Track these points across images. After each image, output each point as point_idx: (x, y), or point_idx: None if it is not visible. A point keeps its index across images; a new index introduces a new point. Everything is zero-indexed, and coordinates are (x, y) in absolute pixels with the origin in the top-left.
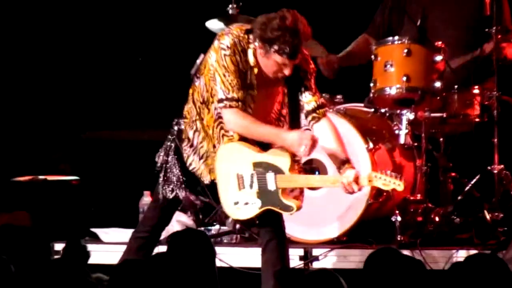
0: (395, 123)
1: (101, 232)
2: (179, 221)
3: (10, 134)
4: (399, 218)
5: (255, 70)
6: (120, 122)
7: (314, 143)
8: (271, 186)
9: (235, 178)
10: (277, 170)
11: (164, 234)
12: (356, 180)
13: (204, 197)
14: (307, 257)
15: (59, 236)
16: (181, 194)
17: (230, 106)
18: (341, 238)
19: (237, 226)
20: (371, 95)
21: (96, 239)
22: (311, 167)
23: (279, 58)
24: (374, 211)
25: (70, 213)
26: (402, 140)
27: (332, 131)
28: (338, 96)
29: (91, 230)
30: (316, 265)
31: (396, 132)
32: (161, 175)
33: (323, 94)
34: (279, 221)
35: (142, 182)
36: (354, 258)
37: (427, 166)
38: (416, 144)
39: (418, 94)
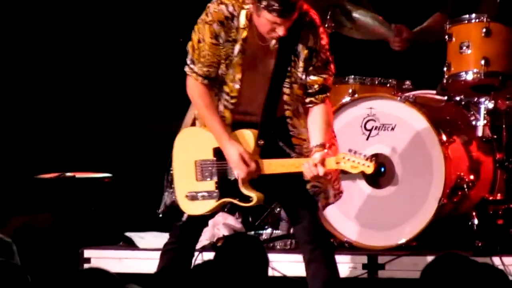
0: (472, 112)
1: (136, 236)
2: (226, 224)
3: (34, 128)
4: (476, 221)
5: (244, 33)
6: (154, 113)
7: (246, 178)
8: (232, 175)
9: (193, 166)
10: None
11: (208, 239)
12: (322, 162)
13: None
14: (372, 265)
15: (89, 241)
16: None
17: (192, 76)
18: (410, 244)
19: (292, 229)
20: (445, 80)
21: (131, 245)
22: (377, 162)
23: (269, 15)
24: (448, 212)
25: (102, 215)
26: (480, 132)
27: (322, 117)
28: (407, 82)
29: (125, 235)
30: (381, 274)
31: (473, 123)
32: None
33: (390, 80)
34: (317, 223)
35: None
36: None
37: (508, 162)
38: (495, 136)
39: (498, 80)
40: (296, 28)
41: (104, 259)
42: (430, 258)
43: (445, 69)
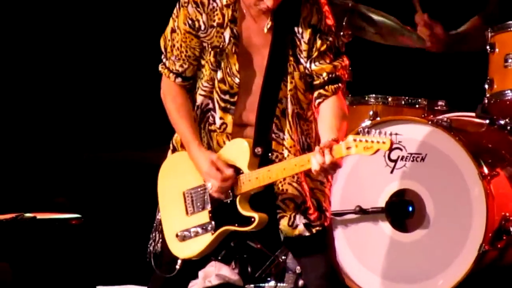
0: None
1: None
2: (220, 275)
3: None
4: None
5: (229, 12)
6: (132, 140)
7: (222, 186)
8: (228, 196)
9: (181, 199)
10: (235, 171)
11: None
12: (330, 148)
13: (254, 243)
14: None
15: None
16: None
17: (164, 73)
18: None
19: (301, 282)
20: (486, 100)
21: None
22: (402, 200)
23: None
24: (491, 261)
25: (70, 264)
26: None
27: (333, 112)
28: (440, 103)
29: None
30: None
31: None
32: None
33: (419, 99)
34: (334, 273)
35: None
36: None
37: None
38: None
39: None
40: (294, 3)
41: None
42: None
43: (486, 86)
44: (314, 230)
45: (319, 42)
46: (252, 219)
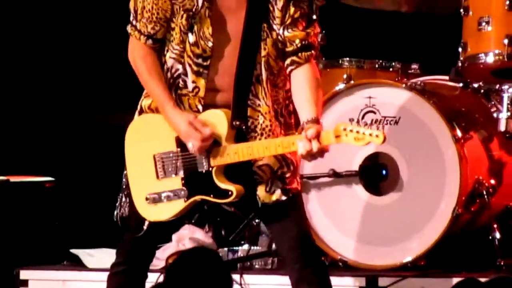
0: (492, 102)
1: (84, 254)
2: (193, 239)
3: None
4: (498, 235)
5: None
6: (105, 102)
7: (202, 146)
8: (202, 167)
9: (151, 162)
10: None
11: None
12: (317, 136)
13: (228, 206)
14: None
15: (27, 260)
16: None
17: (134, 35)
18: (418, 263)
19: (274, 245)
20: (460, 64)
21: (77, 264)
22: (376, 163)
23: None
24: (464, 224)
25: (42, 228)
26: (502, 127)
27: (308, 83)
28: (414, 66)
29: (71, 252)
30: None
31: (495, 115)
32: None
33: (393, 63)
34: (308, 236)
35: None
36: None
37: None
38: None
39: None
40: None
41: (45, 281)
42: (441, 281)
43: (460, 50)
44: (290, 194)
45: (292, 9)
46: (230, 192)
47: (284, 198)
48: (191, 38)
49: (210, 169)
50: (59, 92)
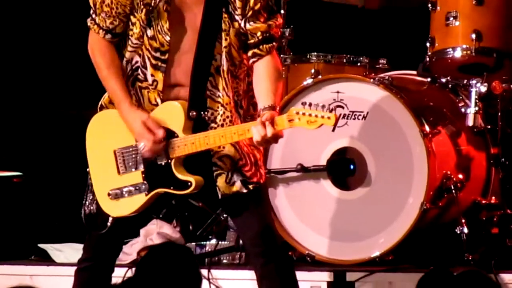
0: (460, 97)
1: (52, 249)
2: (161, 233)
3: None
4: (466, 230)
5: None
6: (73, 97)
7: (153, 148)
8: (161, 159)
9: (112, 158)
10: (168, 134)
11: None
12: (271, 120)
13: (196, 201)
14: (339, 284)
15: None
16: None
17: (93, 28)
18: (386, 258)
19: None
20: (427, 59)
21: (45, 259)
22: (344, 158)
23: None
24: (432, 219)
25: (10, 222)
26: (470, 122)
27: (269, 74)
28: (382, 61)
29: (39, 247)
30: None
31: (462, 110)
32: None
33: (360, 58)
34: (271, 232)
35: None
36: (403, 285)
37: (504, 158)
38: (489, 127)
39: (493, 58)
40: None
41: (13, 276)
42: (408, 276)
43: (428, 45)
44: (251, 187)
45: (252, 1)
46: (189, 183)
47: (244, 190)
48: (149, 32)
49: (169, 161)
50: (28, 86)
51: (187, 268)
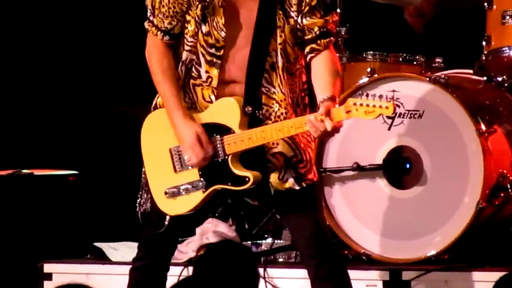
0: None
1: (107, 247)
2: (217, 232)
3: None
4: None
5: None
6: (132, 95)
7: (200, 163)
8: (218, 156)
9: (168, 156)
10: (224, 130)
11: (194, 251)
12: (328, 113)
13: (251, 199)
14: (395, 283)
15: (50, 253)
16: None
17: (151, 31)
18: (442, 256)
19: None
20: (484, 57)
21: (101, 258)
22: (400, 157)
23: None
24: (488, 218)
25: (66, 221)
26: None
27: (327, 69)
28: (437, 60)
29: (95, 245)
30: None
31: None
32: None
33: (417, 57)
34: (323, 232)
35: None
36: (459, 284)
37: None
38: None
39: None
40: None
41: (69, 274)
42: (465, 275)
43: (484, 43)
44: (304, 184)
45: None
46: (247, 179)
47: (297, 187)
48: (204, 28)
49: (226, 157)
50: (84, 86)
51: (245, 267)
